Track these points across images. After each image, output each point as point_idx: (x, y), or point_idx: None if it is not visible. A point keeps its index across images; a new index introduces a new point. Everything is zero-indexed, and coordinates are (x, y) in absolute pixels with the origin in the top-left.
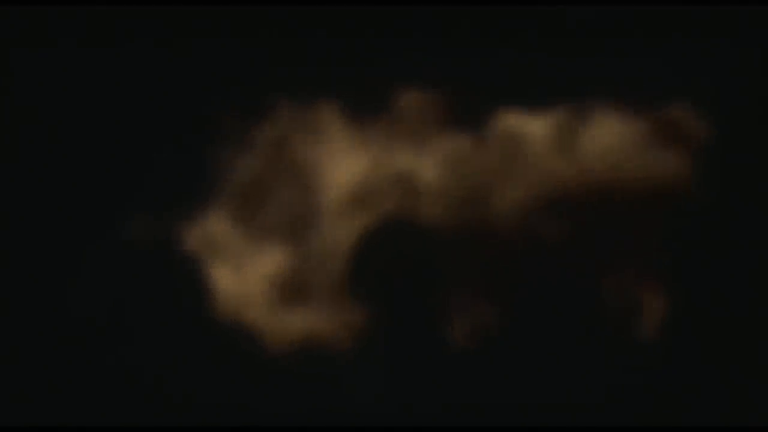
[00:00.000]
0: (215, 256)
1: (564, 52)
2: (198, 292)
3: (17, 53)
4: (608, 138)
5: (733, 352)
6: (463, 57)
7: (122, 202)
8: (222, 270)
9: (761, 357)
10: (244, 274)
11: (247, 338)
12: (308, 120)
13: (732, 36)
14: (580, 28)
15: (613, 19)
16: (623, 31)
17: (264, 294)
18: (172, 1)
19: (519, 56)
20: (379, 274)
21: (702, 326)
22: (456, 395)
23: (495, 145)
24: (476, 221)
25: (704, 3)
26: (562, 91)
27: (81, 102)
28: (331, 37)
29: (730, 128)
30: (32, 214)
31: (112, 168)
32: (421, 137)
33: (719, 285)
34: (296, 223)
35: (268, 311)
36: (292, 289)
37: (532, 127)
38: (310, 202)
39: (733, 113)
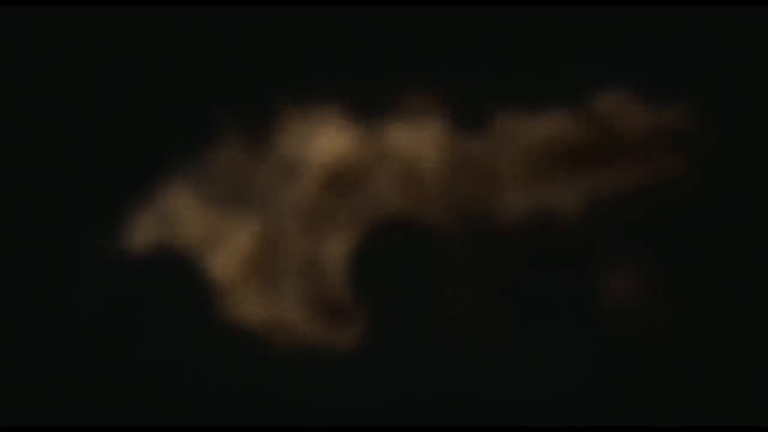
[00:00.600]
0: (208, 252)
1: (564, 52)
2: (192, 290)
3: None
4: (609, 136)
5: (734, 351)
6: (464, 56)
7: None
8: (216, 266)
9: (761, 356)
10: (239, 270)
11: (242, 336)
12: (307, 118)
13: (732, 36)
14: (581, 27)
15: (614, 19)
16: (623, 31)
17: (261, 291)
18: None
19: (519, 55)
20: (378, 273)
21: (702, 325)
22: (457, 395)
23: (497, 142)
24: (477, 219)
25: (705, 3)
26: (562, 90)
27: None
28: (331, 36)
29: (730, 128)
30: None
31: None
32: (423, 135)
33: (718, 283)
34: (293, 219)
35: (263, 309)
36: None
37: (533, 125)
38: (308, 198)
39: (733, 113)
